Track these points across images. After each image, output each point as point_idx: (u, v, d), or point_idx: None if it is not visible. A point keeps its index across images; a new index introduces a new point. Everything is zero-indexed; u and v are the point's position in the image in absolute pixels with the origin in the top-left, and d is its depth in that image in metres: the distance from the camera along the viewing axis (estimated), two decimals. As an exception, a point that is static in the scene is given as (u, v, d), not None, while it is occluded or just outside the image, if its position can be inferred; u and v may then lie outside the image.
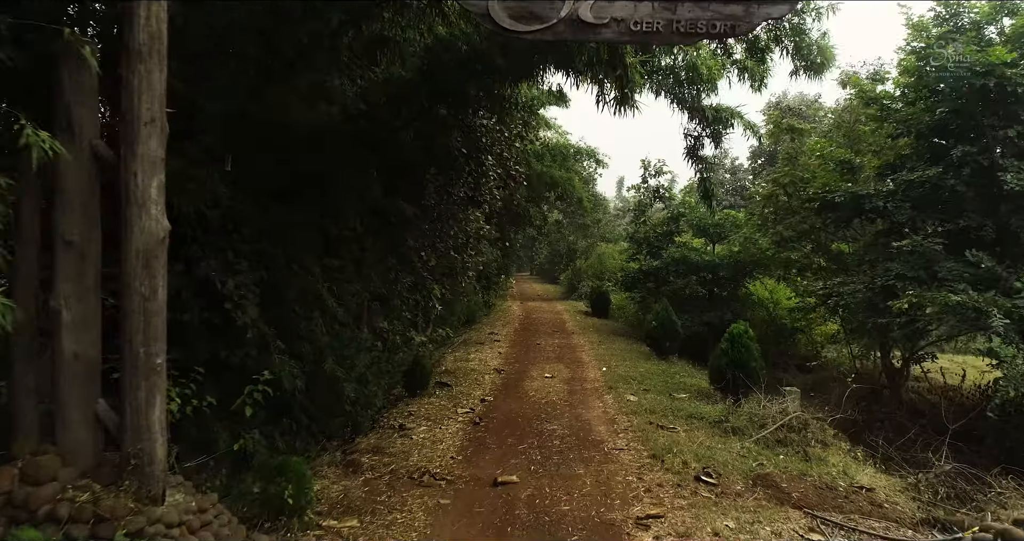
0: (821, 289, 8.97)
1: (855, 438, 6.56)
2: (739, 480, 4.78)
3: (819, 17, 5.63)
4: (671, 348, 11.15)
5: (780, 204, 10.04)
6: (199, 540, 3.14)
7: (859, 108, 8.74)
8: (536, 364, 10.03)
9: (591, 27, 2.88)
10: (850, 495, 4.60)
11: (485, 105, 6.34)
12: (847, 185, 8.21)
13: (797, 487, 4.62)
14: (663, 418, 6.55)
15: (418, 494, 4.44)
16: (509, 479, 4.71)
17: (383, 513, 4.10)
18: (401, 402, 7.30)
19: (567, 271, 28.64)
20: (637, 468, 5.02)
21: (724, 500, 4.37)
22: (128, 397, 2.99)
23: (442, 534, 3.80)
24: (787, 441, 5.64)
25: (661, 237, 14.40)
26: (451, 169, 7.39)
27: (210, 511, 3.32)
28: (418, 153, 6.45)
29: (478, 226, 11.05)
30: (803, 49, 5.94)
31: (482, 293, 17.14)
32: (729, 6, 2.89)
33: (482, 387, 8.21)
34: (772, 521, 3.99)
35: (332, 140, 5.39)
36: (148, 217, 2.96)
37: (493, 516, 4.09)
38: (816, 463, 5.21)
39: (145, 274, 2.96)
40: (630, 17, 2.88)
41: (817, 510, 4.21)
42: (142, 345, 2.97)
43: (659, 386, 8.30)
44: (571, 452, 5.45)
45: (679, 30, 2.89)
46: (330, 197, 5.94)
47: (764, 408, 6.29)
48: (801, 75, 6.07)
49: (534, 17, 2.92)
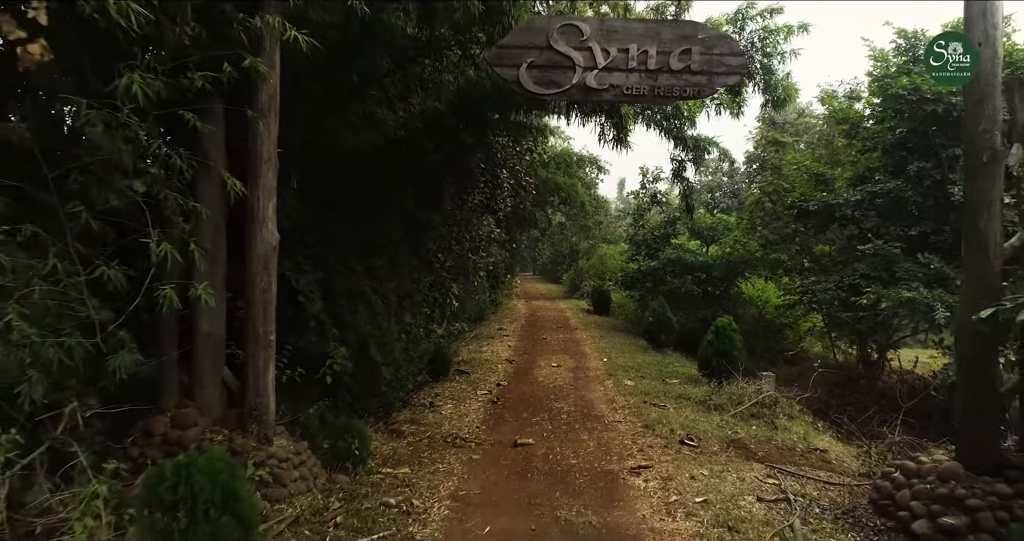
0: (799, 287, 9.98)
1: (823, 416, 7.58)
2: (716, 443, 5.80)
3: (784, 60, 6.72)
4: (666, 342, 12.16)
5: (766, 210, 11.04)
6: (299, 474, 4.18)
7: (833, 124, 9.76)
8: (543, 355, 11.04)
9: (595, 91, 3.90)
10: (806, 454, 5.62)
11: (503, 128, 7.37)
12: (822, 195, 9.23)
13: (763, 448, 5.64)
14: (655, 398, 7.58)
15: (453, 452, 5.46)
16: (526, 441, 5.74)
17: (428, 464, 5.12)
18: (426, 386, 8.30)
19: (569, 271, 29.65)
20: (632, 435, 6.04)
21: (702, 457, 5.39)
22: (250, 364, 4.02)
23: (477, 479, 4.82)
24: (759, 415, 6.67)
25: (658, 239, 15.40)
26: (469, 181, 8.43)
27: (303, 454, 4.36)
28: (443, 169, 7.47)
29: (489, 230, 12.09)
30: (771, 86, 7.00)
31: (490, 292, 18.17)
32: (696, 77, 3.90)
33: (496, 374, 9.23)
34: (738, 470, 5.01)
35: (375, 161, 6.41)
36: (266, 230, 3.99)
37: (515, 467, 5.11)
38: (781, 431, 6.23)
39: (264, 273, 3.99)
40: (623, 84, 3.90)
41: (776, 464, 5.23)
42: (261, 326, 4.00)
43: (653, 373, 9.32)
44: (577, 423, 6.47)
45: (659, 94, 3.91)
46: (371, 207, 6.97)
47: (742, 389, 7.33)
48: (769, 107, 7.12)
49: (552, 83, 3.94)
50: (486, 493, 4.52)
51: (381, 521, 3.93)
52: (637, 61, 3.92)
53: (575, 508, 4.23)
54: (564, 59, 3.95)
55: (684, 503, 4.31)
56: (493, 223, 12.20)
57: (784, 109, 7.07)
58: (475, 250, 11.54)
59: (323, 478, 4.43)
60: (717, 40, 4.02)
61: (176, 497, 2.92)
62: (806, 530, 3.89)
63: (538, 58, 3.96)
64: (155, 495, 2.93)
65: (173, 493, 2.93)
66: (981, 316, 3.46)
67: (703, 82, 3.95)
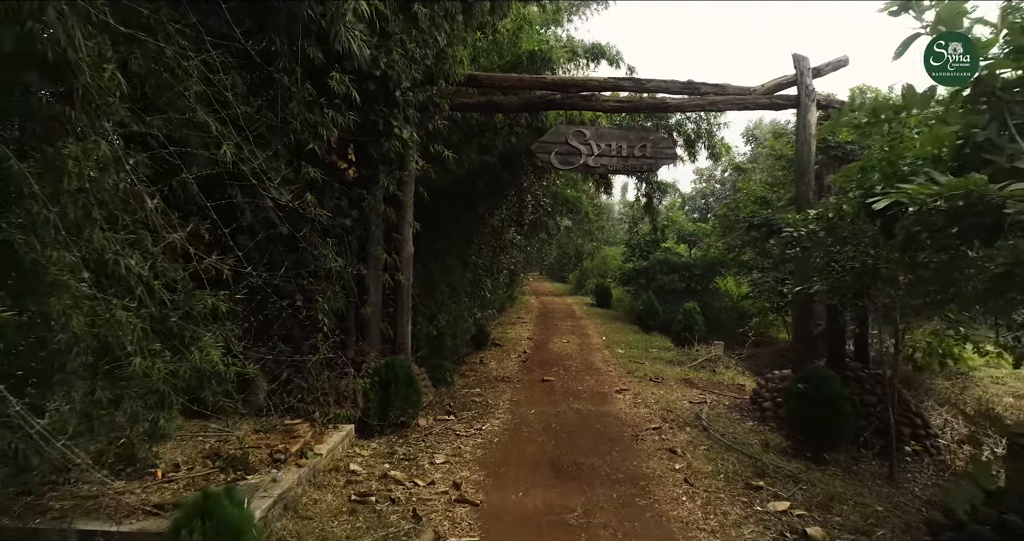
0: (750, 281, 13.06)
1: (754, 369, 10.66)
2: (672, 380, 8.91)
3: (720, 128, 9.99)
4: (653, 326, 15.26)
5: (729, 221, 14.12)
6: (424, 384, 7.31)
7: (773, 160, 12.81)
8: (556, 335, 14.17)
9: (592, 168, 7.02)
10: (729, 386, 8.72)
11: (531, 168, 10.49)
12: (765, 212, 12.29)
13: (702, 382, 8.76)
14: (637, 359, 10.69)
15: (503, 384, 8.59)
16: (549, 379, 8.86)
17: (489, 388, 8.25)
18: (472, 353, 11.44)
19: (575, 271, 32.75)
20: (618, 377, 9.16)
21: (661, 386, 8.50)
22: (398, 321, 7.14)
23: (521, 394, 7.95)
24: (706, 367, 9.78)
25: (649, 244, 18.48)
26: (503, 203, 11.56)
27: (424, 373, 7.50)
28: (487, 197, 10.61)
29: (511, 236, 15.23)
30: (712, 145, 10.13)
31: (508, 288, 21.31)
32: (649, 160, 7.00)
33: (522, 346, 12.37)
34: (682, 391, 8.12)
35: (445, 194, 9.54)
36: (408, 244, 7.11)
37: (544, 389, 8.24)
38: (718, 375, 9.34)
39: (408, 268, 7.11)
40: (609, 164, 7.02)
41: (706, 390, 8.34)
42: (405, 298, 7.13)
43: (640, 346, 12.44)
44: (582, 372, 9.59)
45: (628, 169, 7.04)
46: (444, 223, 10.09)
47: (698, 352, 10.43)
48: (709, 159, 10.26)
49: (568, 163, 7.07)
50: (528, 400, 7.64)
51: (473, 407, 7.07)
52: (615, 150, 7.01)
53: (580, 405, 7.35)
54: (575, 149, 7.05)
55: (645, 403, 7.43)
56: (515, 231, 15.35)
57: (721, 161, 10.15)
58: (501, 252, 14.69)
59: (432, 389, 7.57)
60: (661, 139, 7.11)
61: (387, 377, 6.06)
62: (710, 412, 6.99)
63: (560, 149, 7.06)
64: (376, 376, 6.06)
65: (385, 375, 6.06)
66: (797, 290, 6.54)
67: (652, 162, 7.05)
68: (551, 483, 4.68)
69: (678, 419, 6.62)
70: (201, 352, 2.84)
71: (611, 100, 7.23)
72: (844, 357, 6.97)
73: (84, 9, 2.33)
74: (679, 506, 4.28)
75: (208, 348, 2.88)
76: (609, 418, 6.70)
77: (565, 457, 5.29)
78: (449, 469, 4.95)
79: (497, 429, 6.22)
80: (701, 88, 6.98)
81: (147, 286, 2.82)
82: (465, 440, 5.79)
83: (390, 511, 4.07)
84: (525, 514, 4.10)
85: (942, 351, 7.12)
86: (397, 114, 5.79)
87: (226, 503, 2.52)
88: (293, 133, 4.65)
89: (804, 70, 6.89)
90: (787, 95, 7.04)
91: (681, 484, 4.69)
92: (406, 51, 5.40)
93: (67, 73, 2.45)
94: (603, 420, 6.62)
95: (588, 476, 4.83)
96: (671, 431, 6.15)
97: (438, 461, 5.11)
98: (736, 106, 7.02)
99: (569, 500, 4.32)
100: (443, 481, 4.67)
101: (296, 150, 4.82)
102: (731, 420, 6.70)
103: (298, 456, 4.60)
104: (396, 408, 5.90)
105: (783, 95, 7.07)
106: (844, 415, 5.53)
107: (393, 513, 4.04)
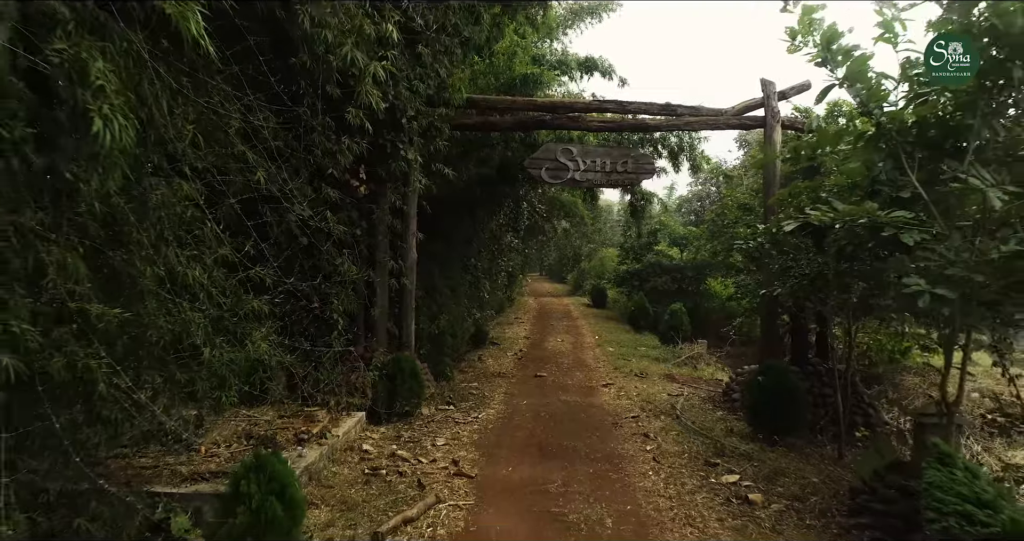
0: (733, 282, 13.78)
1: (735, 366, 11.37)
2: (656, 376, 9.64)
3: (701, 142, 10.80)
4: (644, 326, 15.97)
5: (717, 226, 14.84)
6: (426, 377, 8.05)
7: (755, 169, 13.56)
8: (551, 334, 14.91)
9: (579, 182, 7.76)
10: (708, 381, 9.45)
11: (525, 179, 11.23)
12: (749, 217, 13.01)
13: (682, 378, 9.48)
14: (626, 356, 11.42)
15: (499, 380, 9.32)
16: (542, 374, 9.59)
17: (486, 383, 8.98)
18: (471, 352, 12.18)
19: (573, 272, 33.47)
20: (605, 373, 9.89)
21: (645, 380, 9.23)
22: (404, 321, 7.88)
23: (515, 388, 8.67)
24: (688, 364, 10.50)
25: (642, 247, 19.20)
26: (500, 210, 12.30)
27: (427, 368, 8.23)
28: (485, 205, 11.35)
29: (509, 241, 15.97)
30: (693, 157, 10.88)
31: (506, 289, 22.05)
32: (630, 175, 7.73)
33: (518, 344, 13.11)
34: (664, 384, 8.86)
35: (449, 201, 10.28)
36: (412, 251, 7.85)
37: (537, 383, 8.97)
38: (699, 371, 10.07)
39: (411, 273, 7.85)
40: (594, 178, 7.75)
41: (686, 384, 9.06)
42: (409, 300, 7.86)
43: (630, 344, 13.16)
44: (573, 368, 10.32)
45: (612, 183, 7.78)
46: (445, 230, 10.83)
47: (682, 349, 11.16)
48: (690, 171, 11.01)
49: (558, 177, 7.81)
50: (521, 393, 8.37)
51: (470, 398, 7.81)
52: (599, 166, 7.75)
53: (568, 397, 8.08)
54: (563, 165, 7.78)
55: (627, 395, 8.16)
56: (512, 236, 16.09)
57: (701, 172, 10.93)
58: (499, 256, 15.43)
59: (433, 382, 8.31)
60: (642, 156, 7.85)
61: (393, 371, 6.80)
62: (685, 403, 7.72)
63: (550, 165, 7.80)
64: (383, 370, 6.80)
65: (391, 369, 6.80)
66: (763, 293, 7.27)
67: (634, 177, 7.79)
68: (537, 461, 5.42)
69: (655, 409, 7.35)
70: (253, 345, 3.57)
71: (596, 120, 7.97)
72: (806, 354, 7.69)
73: (173, 86, 3.07)
74: (645, 479, 5.01)
75: (259, 341, 3.61)
76: (593, 408, 7.43)
77: (551, 440, 6.03)
78: (448, 450, 5.69)
79: (492, 417, 6.95)
80: (678, 109, 7.71)
81: (207, 292, 3.56)
82: (463, 426, 6.52)
83: (398, 481, 4.81)
84: (513, 484, 4.84)
85: (891, 348, 7.84)
86: (403, 138, 6.53)
87: (274, 460, 3.26)
88: (314, 159, 5.39)
89: (771, 94, 7.61)
90: (755, 116, 7.76)
91: (650, 462, 5.42)
92: (411, 86, 6.14)
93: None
94: (588, 410, 7.35)
95: (570, 456, 5.56)
96: (647, 419, 6.88)
97: (439, 443, 5.85)
98: (709, 126, 7.75)
99: (551, 474, 5.05)
100: (443, 459, 5.40)
101: (316, 173, 5.56)
102: (703, 410, 7.42)
103: (319, 437, 5.34)
104: (402, 398, 6.64)
105: (752, 116, 7.79)
106: (799, 405, 6.26)
107: (401, 483, 4.78)
